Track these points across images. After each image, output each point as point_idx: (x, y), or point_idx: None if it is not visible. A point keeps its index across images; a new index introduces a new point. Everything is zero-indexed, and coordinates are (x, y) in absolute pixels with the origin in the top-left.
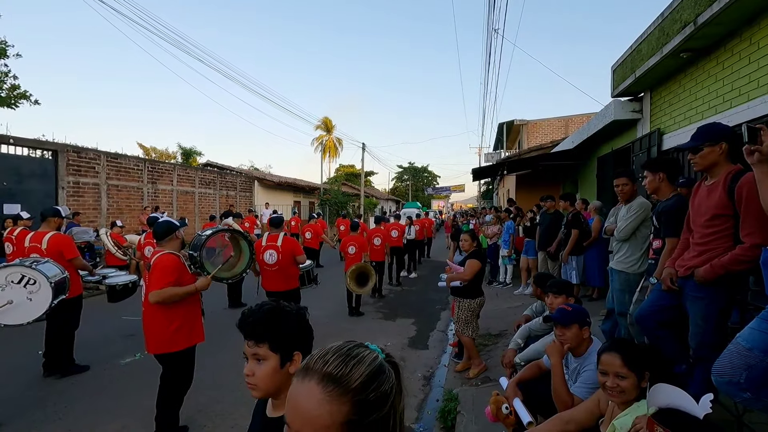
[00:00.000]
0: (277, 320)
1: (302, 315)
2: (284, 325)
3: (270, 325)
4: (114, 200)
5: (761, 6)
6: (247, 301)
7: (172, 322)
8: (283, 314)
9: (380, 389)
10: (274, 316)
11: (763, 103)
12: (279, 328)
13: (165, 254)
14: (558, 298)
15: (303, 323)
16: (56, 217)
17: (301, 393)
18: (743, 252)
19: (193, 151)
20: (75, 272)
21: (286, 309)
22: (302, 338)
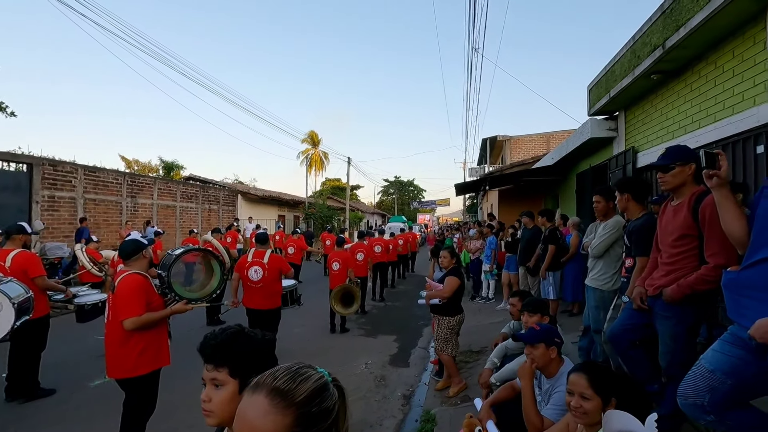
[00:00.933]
0: (239, 344)
1: (267, 341)
2: (246, 350)
3: (231, 350)
4: (91, 214)
5: (724, 32)
6: (226, 318)
7: (137, 345)
8: (246, 338)
9: (323, 405)
10: (236, 339)
11: (729, 124)
12: (241, 351)
13: (130, 275)
14: (533, 316)
15: (267, 350)
16: (21, 234)
17: (250, 405)
18: (708, 272)
19: (175, 165)
20: (38, 291)
21: (249, 333)
22: (265, 365)
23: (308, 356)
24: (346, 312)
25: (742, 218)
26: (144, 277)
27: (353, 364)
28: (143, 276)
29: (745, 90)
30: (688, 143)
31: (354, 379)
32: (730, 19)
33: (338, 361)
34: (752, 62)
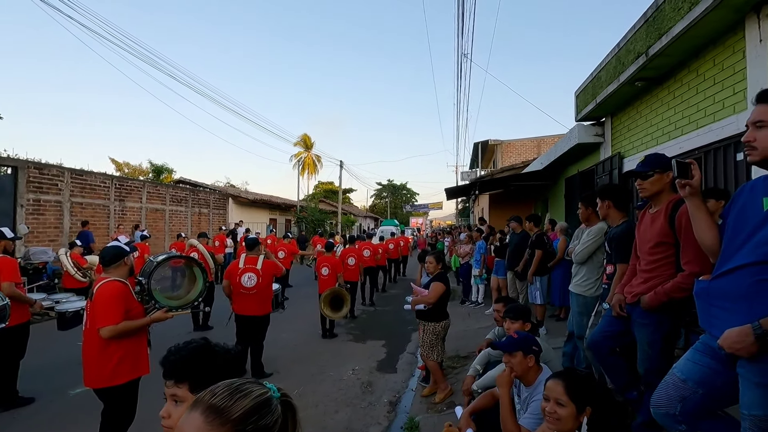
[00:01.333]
0: (201, 359)
1: (233, 355)
2: (208, 365)
3: (192, 365)
4: (78, 218)
5: (705, 41)
6: (214, 323)
7: (115, 354)
8: (210, 353)
9: (260, 422)
10: (198, 354)
11: (710, 132)
12: (202, 368)
13: (109, 282)
14: (515, 323)
15: (231, 364)
16: (1, 240)
17: (187, 422)
18: (683, 280)
19: (165, 168)
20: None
21: (214, 348)
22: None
23: (296, 361)
24: (336, 316)
25: (714, 228)
26: (123, 284)
27: (340, 370)
28: (122, 283)
29: (726, 98)
30: (672, 149)
31: (341, 385)
32: (710, 29)
33: (326, 366)
34: (732, 71)
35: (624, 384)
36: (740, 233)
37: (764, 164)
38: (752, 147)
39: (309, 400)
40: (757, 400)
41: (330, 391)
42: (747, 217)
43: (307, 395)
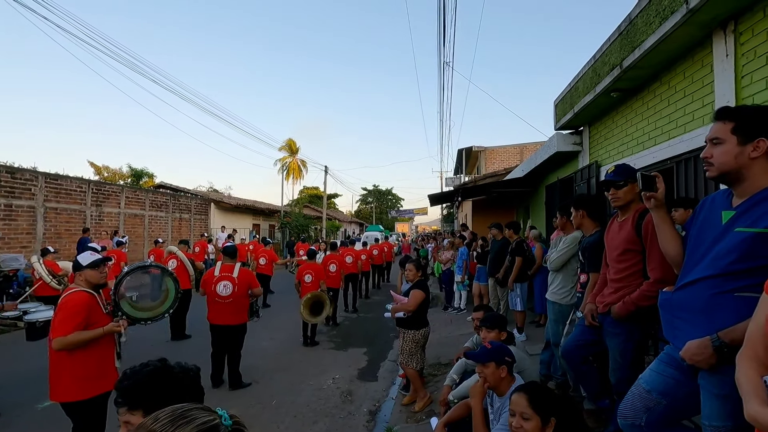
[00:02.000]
0: (156, 385)
1: (192, 377)
2: (165, 390)
3: (146, 391)
4: (52, 224)
5: (675, 54)
6: (191, 332)
7: (75, 368)
8: (166, 377)
9: None
10: (153, 379)
11: (680, 142)
12: (157, 393)
13: (75, 292)
14: (491, 332)
15: (191, 387)
16: None
17: None
18: (649, 288)
19: (145, 173)
20: None
21: (171, 371)
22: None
23: (275, 371)
24: (314, 320)
25: (678, 239)
26: (89, 294)
27: (321, 379)
28: (88, 294)
29: (695, 110)
30: (645, 159)
31: (320, 395)
32: (680, 43)
33: (306, 375)
34: (701, 84)
35: (596, 392)
36: (700, 246)
37: (721, 179)
38: (709, 163)
39: (287, 410)
40: (716, 411)
41: (309, 401)
42: (707, 231)
43: (285, 405)
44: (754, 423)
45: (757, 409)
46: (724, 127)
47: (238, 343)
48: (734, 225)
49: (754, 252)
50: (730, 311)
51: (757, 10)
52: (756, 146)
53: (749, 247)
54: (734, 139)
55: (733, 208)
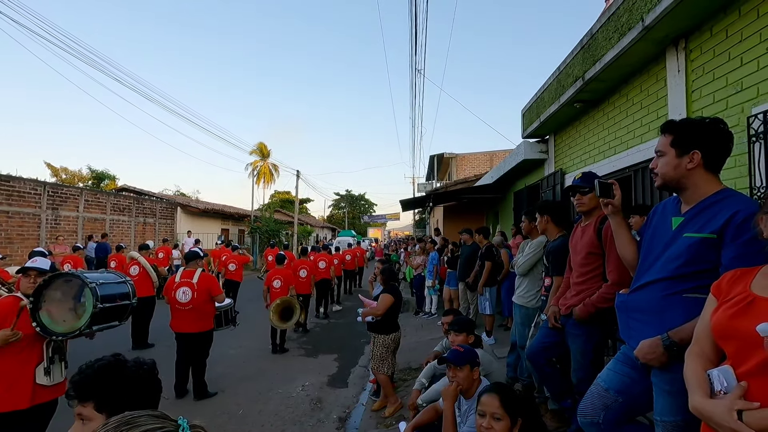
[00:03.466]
0: (106, 378)
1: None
2: (113, 384)
3: (96, 384)
4: (2, 228)
5: (633, 68)
6: (155, 341)
7: None
8: (116, 371)
9: None
10: (103, 373)
11: (638, 152)
12: (107, 386)
13: (4, 297)
14: (459, 336)
15: (148, 379)
16: None
17: None
18: (607, 290)
19: (106, 175)
20: None
21: (123, 365)
22: (138, 396)
23: (242, 379)
24: (284, 325)
25: (633, 243)
26: (14, 299)
27: (289, 387)
28: (15, 298)
29: (651, 122)
30: (605, 167)
31: (289, 403)
32: (637, 58)
33: (274, 383)
34: (655, 97)
35: (559, 392)
36: (653, 251)
37: (666, 188)
38: (655, 173)
39: (254, 419)
40: (667, 407)
41: (277, 410)
42: (659, 236)
43: (252, 415)
44: (697, 414)
45: (699, 400)
46: (665, 140)
47: (203, 352)
48: (683, 230)
49: (701, 256)
50: (680, 312)
51: (705, 30)
52: (691, 158)
53: (696, 252)
54: (673, 151)
55: (682, 215)
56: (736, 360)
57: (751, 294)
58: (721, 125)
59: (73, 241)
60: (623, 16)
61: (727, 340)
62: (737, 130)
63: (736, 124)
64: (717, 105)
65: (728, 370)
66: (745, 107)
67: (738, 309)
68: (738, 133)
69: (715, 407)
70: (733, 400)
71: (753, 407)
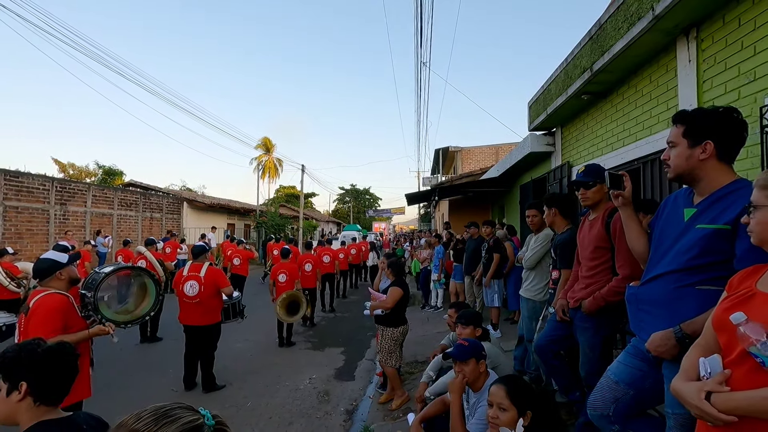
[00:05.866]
0: (13, 354)
1: (48, 350)
2: (17, 358)
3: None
4: (12, 223)
5: (642, 59)
6: (163, 334)
7: None
8: (26, 349)
9: None
10: (17, 350)
11: (647, 144)
12: (11, 362)
13: (48, 294)
14: (466, 329)
15: (51, 357)
16: None
17: None
18: (617, 283)
19: (114, 170)
20: None
21: (34, 346)
22: (32, 371)
23: (250, 372)
24: (290, 319)
25: (644, 236)
26: (64, 296)
27: (297, 380)
28: (64, 296)
29: (660, 113)
30: (614, 160)
31: (296, 396)
32: (646, 48)
33: (281, 376)
34: (665, 88)
35: (567, 385)
36: (664, 242)
37: (679, 180)
38: (667, 165)
39: (262, 412)
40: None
41: (285, 402)
42: (670, 228)
43: (260, 407)
44: (674, 394)
45: (676, 382)
46: (677, 131)
47: (211, 345)
48: (695, 222)
49: (714, 247)
50: (692, 304)
51: (717, 19)
52: (703, 148)
53: (709, 243)
54: (685, 141)
55: (694, 206)
56: (725, 350)
57: (753, 289)
58: (734, 114)
59: (81, 236)
60: (633, 6)
61: (721, 331)
62: (750, 121)
63: (748, 114)
64: (729, 95)
65: (716, 359)
66: (758, 97)
67: (736, 302)
68: (751, 124)
69: (688, 388)
70: (705, 383)
71: (722, 390)
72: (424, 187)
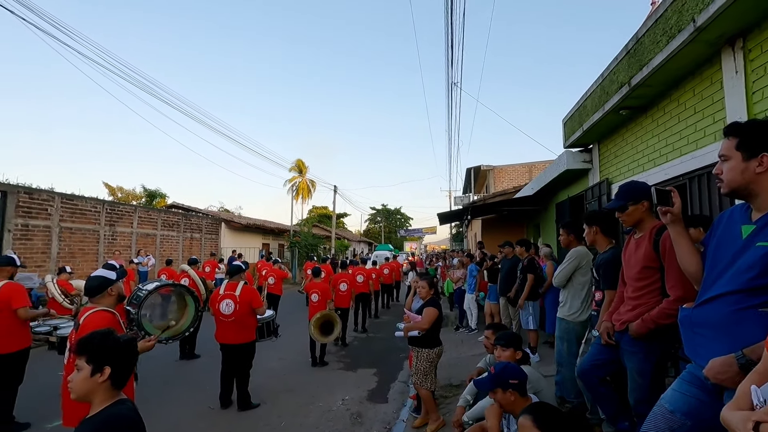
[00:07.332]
0: (100, 341)
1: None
2: (104, 344)
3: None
4: (66, 243)
5: (684, 72)
6: (201, 351)
7: None
8: (111, 338)
9: None
10: (102, 337)
11: (693, 159)
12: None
13: (98, 312)
14: (506, 351)
15: (125, 346)
16: (9, 266)
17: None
18: (669, 305)
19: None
20: (21, 323)
21: (116, 336)
22: (115, 357)
23: (283, 391)
24: (325, 339)
25: (696, 254)
26: (111, 314)
27: (330, 400)
28: (111, 313)
29: (707, 126)
30: (657, 176)
31: (329, 416)
32: (688, 60)
33: (314, 396)
34: (711, 100)
35: (614, 414)
36: (720, 261)
37: (733, 195)
38: (720, 179)
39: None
40: None
41: (318, 423)
42: (726, 245)
43: (293, 427)
44: (723, 423)
45: (725, 410)
46: (729, 144)
47: (246, 363)
48: (755, 239)
49: None
50: (755, 327)
51: (765, 27)
52: (760, 161)
53: None
54: (739, 155)
55: (753, 222)
56: None
57: None
58: None
59: (127, 255)
60: (672, 18)
61: None
62: None
63: None
64: None
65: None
66: None
67: None
68: None
69: (734, 416)
70: (754, 412)
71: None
72: (456, 206)
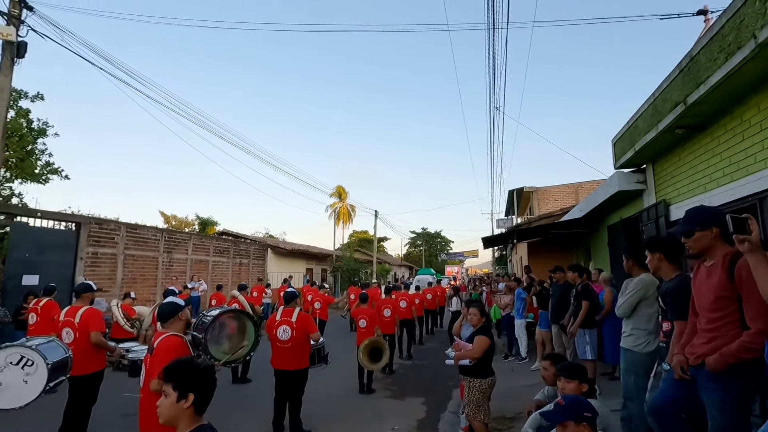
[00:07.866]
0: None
1: (208, 368)
2: (188, 372)
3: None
4: (129, 269)
5: (746, 88)
6: (253, 376)
7: None
8: (194, 365)
9: None
10: (185, 365)
11: (762, 178)
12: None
13: (170, 336)
14: (570, 383)
15: (207, 374)
16: (88, 292)
17: None
18: (750, 339)
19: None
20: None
21: (197, 363)
22: (199, 384)
23: (333, 418)
24: (374, 366)
25: None
26: (181, 338)
27: (379, 428)
28: (181, 338)
29: None
30: (722, 196)
31: None
32: (750, 76)
33: (364, 424)
34: None
35: None
36: None
37: None
38: None
39: None
40: None
41: None
42: None
43: None
44: None
45: None
46: None
47: (300, 389)
48: None
49: None
50: None
51: None
52: None
53: None
54: None
55: None
56: None
57: None
58: None
59: (182, 281)
60: (729, 35)
61: None
62: None
63: None
64: None
65: None
66: None
67: None
68: None
69: None
70: None
71: None
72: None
